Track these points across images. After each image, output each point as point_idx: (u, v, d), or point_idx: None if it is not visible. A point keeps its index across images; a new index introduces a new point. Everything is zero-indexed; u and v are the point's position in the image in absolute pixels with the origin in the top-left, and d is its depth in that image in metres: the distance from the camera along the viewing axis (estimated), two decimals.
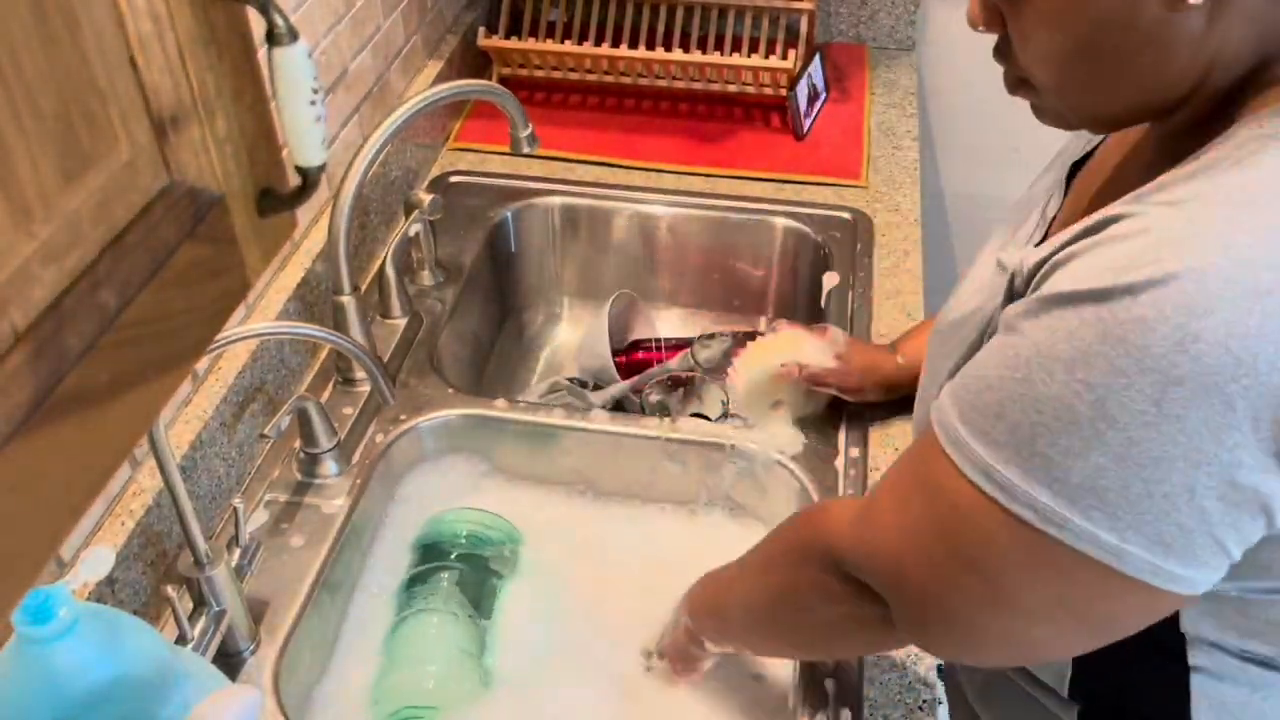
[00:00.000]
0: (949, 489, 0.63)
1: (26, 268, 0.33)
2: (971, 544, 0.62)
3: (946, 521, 0.64)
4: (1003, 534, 0.60)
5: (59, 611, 0.64)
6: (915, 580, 0.67)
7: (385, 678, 0.97)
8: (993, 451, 0.60)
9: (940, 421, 0.65)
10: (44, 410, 0.33)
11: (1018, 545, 0.60)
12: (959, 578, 0.64)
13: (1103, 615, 0.62)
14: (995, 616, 0.64)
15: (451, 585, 1.03)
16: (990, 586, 0.63)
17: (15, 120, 0.32)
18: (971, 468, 0.61)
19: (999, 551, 0.61)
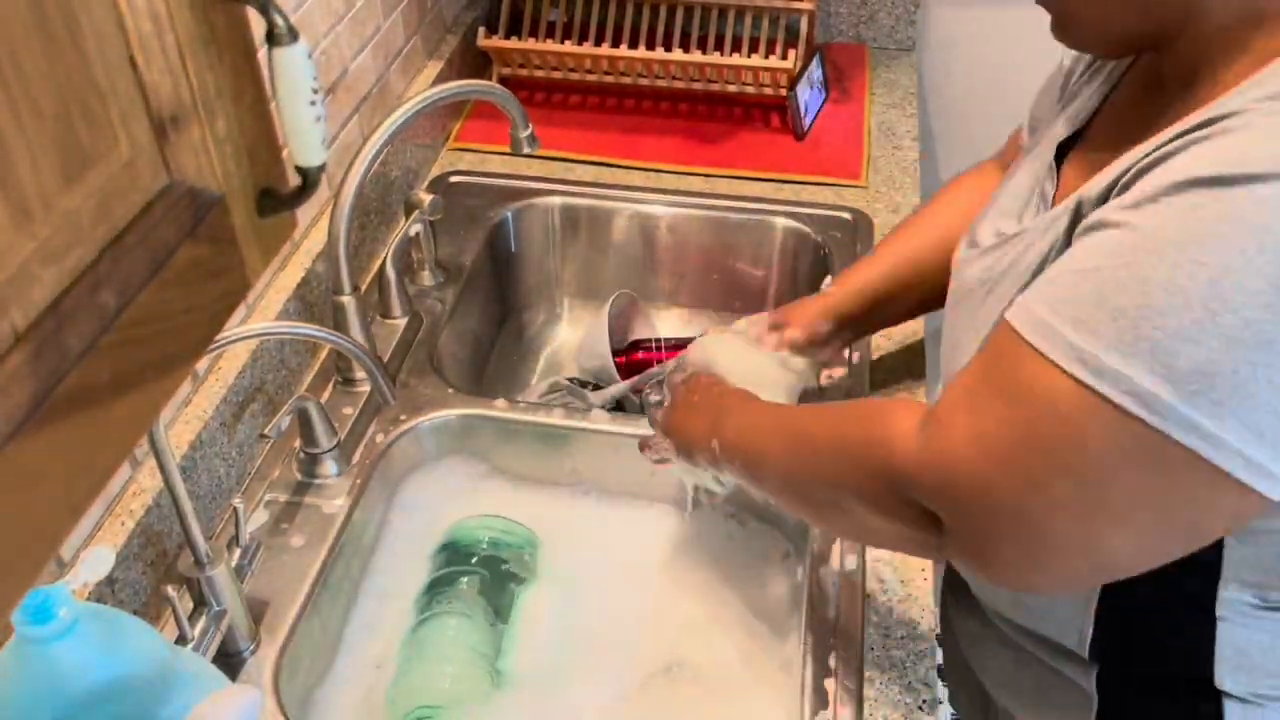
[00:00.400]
0: (1037, 385, 0.60)
1: (26, 268, 0.33)
2: (1062, 441, 0.59)
3: (1034, 421, 0.60)
4: (1099, 426, 0.58)
5: (59, 611, 0.64)
6: (993, 493, 0.63)
7: (401, 678, 0.98)
8: (1091, 338, 0.57)
9: (1023, 319, 0.62)
10: (44, 410, 0.33)
11: (1115, 437, 0.57)
12: (1046, 482, 0.60)
13: (1189, 517, 0.60)
14: (1079, 522, 0.61)
15: (471, 589, 1.03)
16: (1079, 488, 0.60)
17: (15, 120, 0.32)
18: (1065, 356, 0.58)
19: (1094, 447, 0.58)
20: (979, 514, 0.64)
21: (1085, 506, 0.60)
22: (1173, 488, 0.58)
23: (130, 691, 0.68)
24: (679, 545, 1.14)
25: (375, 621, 1.06)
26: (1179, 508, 0.59)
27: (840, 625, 0.95)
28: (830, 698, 0.90)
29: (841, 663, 0.92)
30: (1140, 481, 0.58)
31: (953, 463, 0.65)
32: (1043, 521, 0.62)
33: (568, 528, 1.15)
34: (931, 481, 0.67)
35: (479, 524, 1.09)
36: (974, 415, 0.64)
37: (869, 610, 0.96)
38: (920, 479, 0.67)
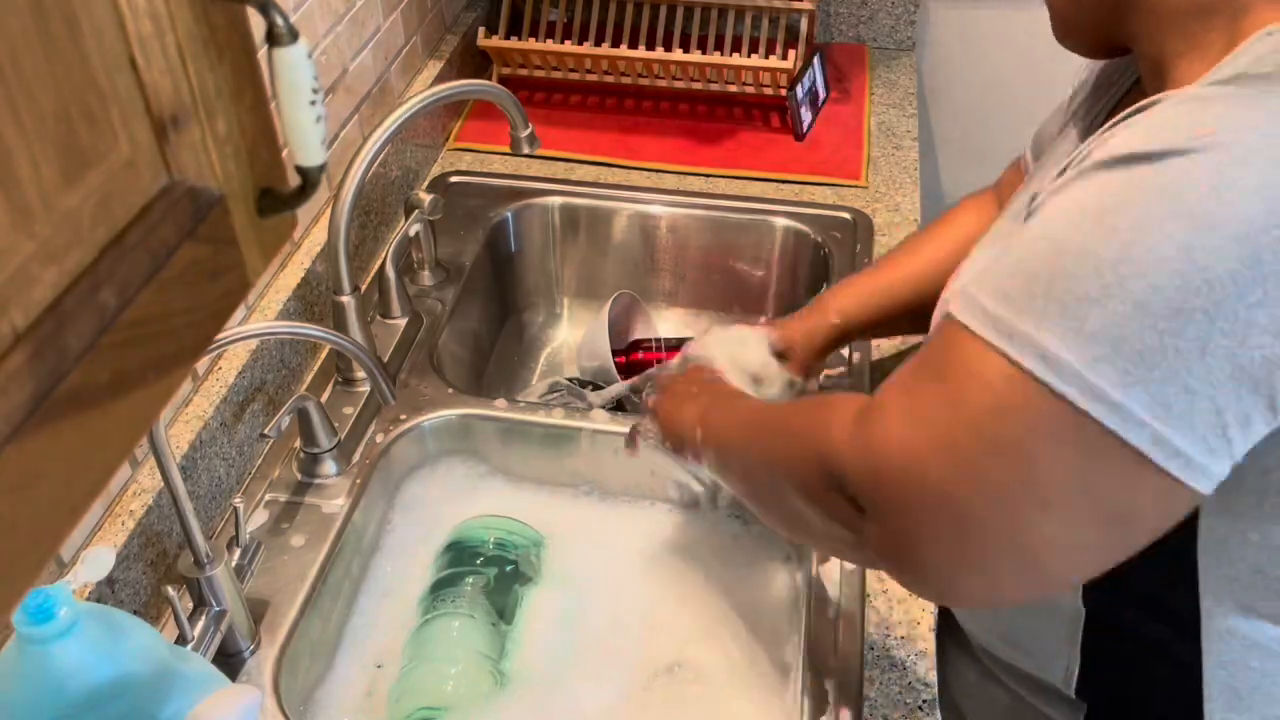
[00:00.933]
0: (964, 360, 0.60)
1: (26, 268, 0.33)
2: (987, 415, 0.58)
3: (961, 396, 0.59)
4: (1018, 395, 0.57)
5: (59, 611, 0.64)
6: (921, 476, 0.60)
7: (405, 678, 0.98)
8: (1007, 306, 0.58)
9: (955, 298, 0.62)
10: (44, 410, 0.33)
11: (1032, 407, 0.57)
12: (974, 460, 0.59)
13: (1116, 504, 0.58)
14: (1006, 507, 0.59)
15: (476, 590, 1.03)
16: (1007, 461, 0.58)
17: (15, 120, 0.32)
18: (985, 325, 0.58)
19: (1015, 419, 0.57)
20: (905, 501, 0.62)
21: (1012, 488, 0.58)
22: (1093, 466, 0.57)
23: (130, 691, 0.68)
24: (680, 546, 1.14)
25: (375, 621, 1.06)
26: (1103, 491, 0.57)
27: (840, 625, 0.95)
28: (830, 698, 0.90)
29: (841, 663, 0.92)
30: (1062, 458, 0.57)
31: (883, 444, 0.63)
32: (969, 507, 0.59)
33: (568, 528, 1.15)
34: (860, 464, 0.65)
35: (484, 524, 1.09)
36: (907, 396, 0.63)
37: (869, 610, 0.96)
38: (850, 461, 0.65)
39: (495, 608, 1.03)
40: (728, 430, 0.86)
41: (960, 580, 0.63)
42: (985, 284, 0.60)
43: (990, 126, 1.89)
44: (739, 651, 1.04)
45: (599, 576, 1.10)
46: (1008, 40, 1.78)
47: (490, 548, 1.07)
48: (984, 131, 1.89)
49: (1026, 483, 0.58)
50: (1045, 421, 0.57)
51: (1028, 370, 0.56)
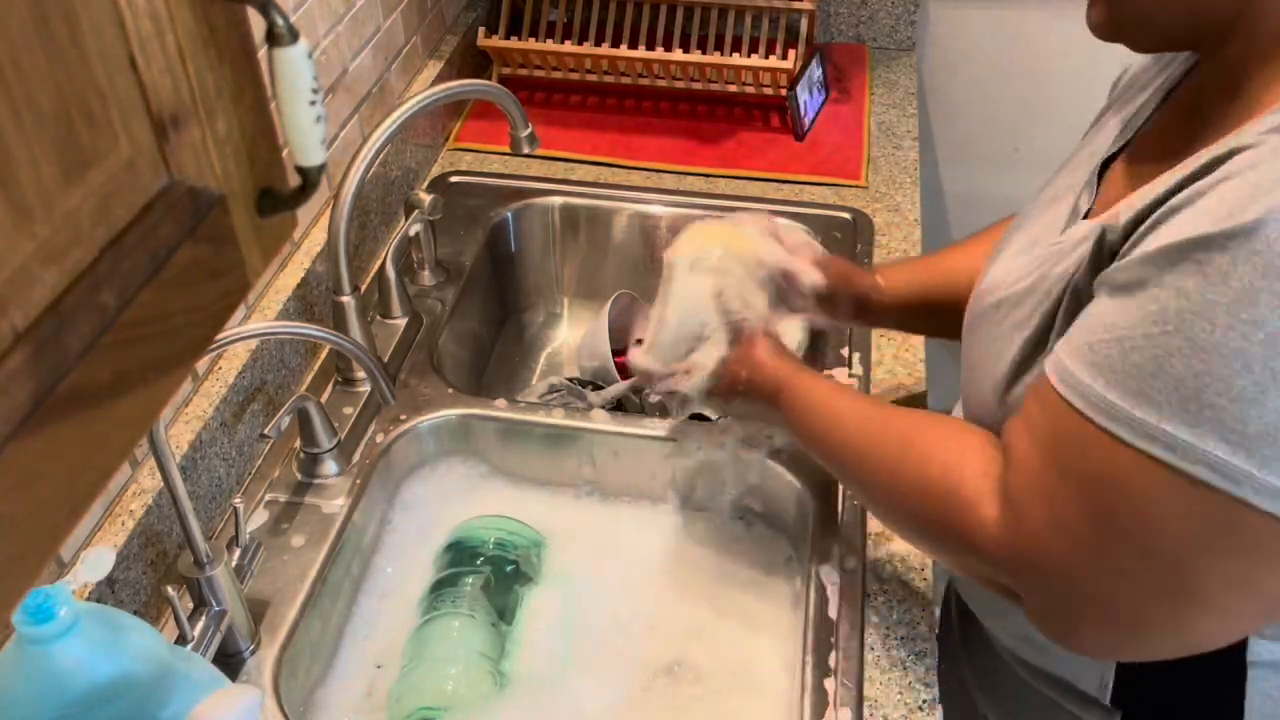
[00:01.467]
0: (1107, 466, 0.58)
1: (26, 268, 0.33)
2: (1141, 522, 0.58)
3: (1109, 503, 0.59)
4: (1176, 501, 0.56)
5: (59, 611, 0.64)
6: (1079, 583, 0.62)
7: (405, 678, 0.98)
8: (1155, 411, 0.56)
9: (1078, 393, 0.60)
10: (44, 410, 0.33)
11: (1194, 512, 0.56)
12: (1132, 568, 0.59)
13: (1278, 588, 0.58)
14: (1168, 603, 0.60)
15: (476, 590, 1.03)
16: (1165, 568, 0.58)
17: (15, 120, 0.32)
18: (1132, 433, 0.57)
19: (1174, 523, 0.57)
20: (1066, 601, 0.64)
21: (1173, 586, 0.59)
22: (1260, 561, 0.57)
23: (130, 691, 0.68)
24: (680, 546, 1.14)
25: (375, 621, 1.06)
26: (1268, 581, 0.58)
27: (840, 625, 0.95)
28: (830, 698, 0.90)
29: (841, 663, 0.92)
30: (1226, 560, 0.57)
31: (1036, 555, 0.64)
32: (1132, 607, 0.61)
33: (569, 528, 1.15)
34: (1015, 570, 0.66)
35: (485, 524, 1.09)
36: (1049, 505, 0.63)
37: (869, 610, 0.96)
38: (1004, 567, 0.67)
39: (495, 608, 1.03)
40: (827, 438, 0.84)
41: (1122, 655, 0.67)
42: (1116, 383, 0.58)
43: (990, 126, 1.89)
44: (739, 652, 1.04)
45: (599, 576, 1.10)
46: (1008, 40, 1.78)
47: (490, 548, 1.07)
48: (984, 131, 1.89)
49: (1188, 587, 0.59)
50: (1210, 527, 0.56)
51: (1194, 477, 0.55)
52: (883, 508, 0.81)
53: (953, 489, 0.71)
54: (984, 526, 0.68)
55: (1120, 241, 0.62)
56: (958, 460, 0.71)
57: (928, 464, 0.73)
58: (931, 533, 0.74)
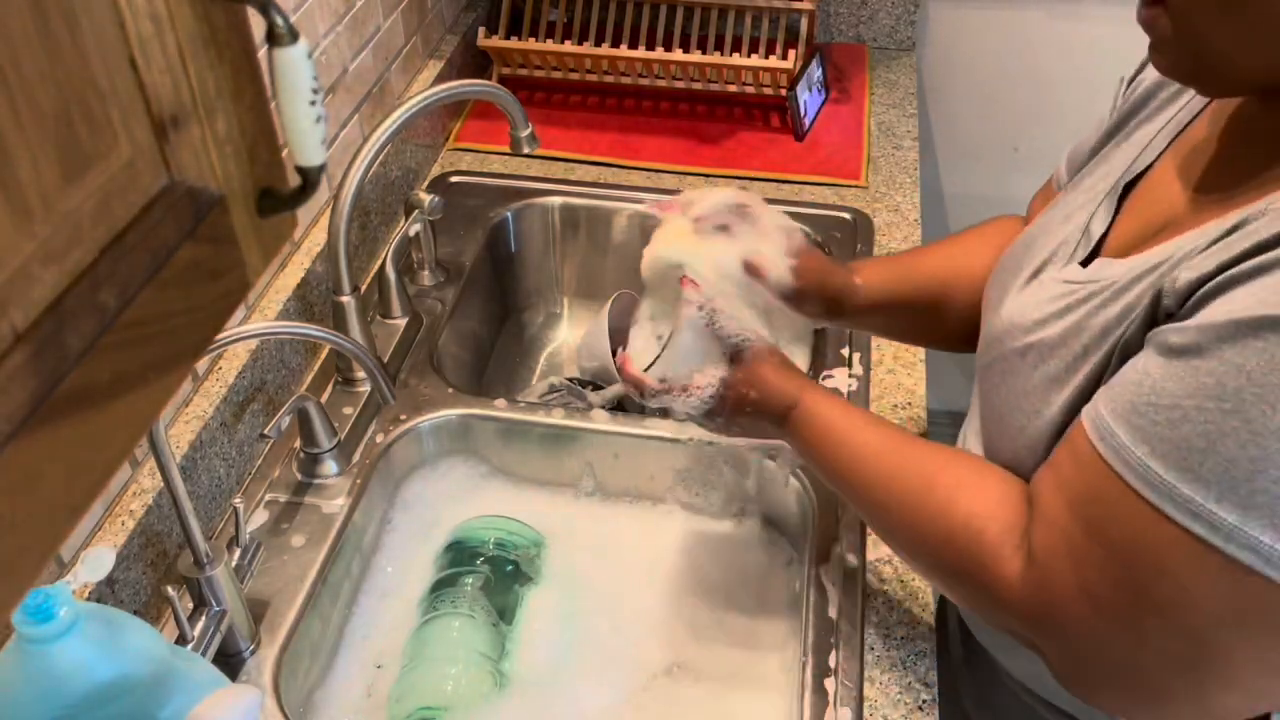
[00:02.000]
0: (1143, 536, 0.57)
1: (26, 268, 0.33)
2: (1174, 598, 0.57)
3: (1141, 575, 0.58)
4: (1214, 582, 0.55)
5: (59, 611, 0.64)
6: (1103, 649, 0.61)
7: (404, 678, 0.98)
8: (1202, 490, 0.54)
9: (1119, 455, 0.58)
10: (44, 410, 0.33)
11: (1232, 594, 0.55)
12: (1159, 641, 0.58)
13: None
14: (1194, 678, 0.59)
15: (476, 589, 1.03)
16: (1194, 644, 0.58)
17: (15, 120, 0.32)
18: (1176, 508, 0.55)
19: (1209, 603, 0.56)
20: (1088, 663, 0.63)
21: (1198, 667, 0.58)
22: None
23: (130, 691, 0.68)
24: (680, 546, 1.14)
25: (375, 621, 1.06)
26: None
27: (840, 625, 0.95)
28: (830, 698, 0.90)
29: (841, 663, 0.92)
30: (1258, 641, 0.56)
31: (1060, 616, 0.63)
32: (1155, 678, 0.60)
33: (569, 528, 1.15)
34: (1037, 629, 0.65)
35: (485, 524, 1.09)
36: (1077, 568, 0.61)
37: (869, 610, 0.96)
38: (1026, 623, 0.66)
39: (495, 608, 1.03)
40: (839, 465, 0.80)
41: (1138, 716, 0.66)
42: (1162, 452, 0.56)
43: (990, 126, 1.89)
44: (739, 652, 1.04)
45: (599, 577, 1.10)
46: (1008, 40, 1.78)
47: (490, 548, 1.07)
48: (984, 131, 1.90)
49: (1214, 665, 0.58)
50: (1244, 608, 0.55)
51: (1236, 560, 0.54)
52: (900, 546, 0.78)
53: (975, 539, 0.69)
54: (1008, 581, 0.66)
55: (1177, 304, 0.59)
56: (984, 510, 0.69)
57: (951, 509, 0.71)
58: (951, 579, 0.73)
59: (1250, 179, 0.61)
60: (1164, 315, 0.61)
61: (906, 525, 0.75)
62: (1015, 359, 0.72)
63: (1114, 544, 0.59)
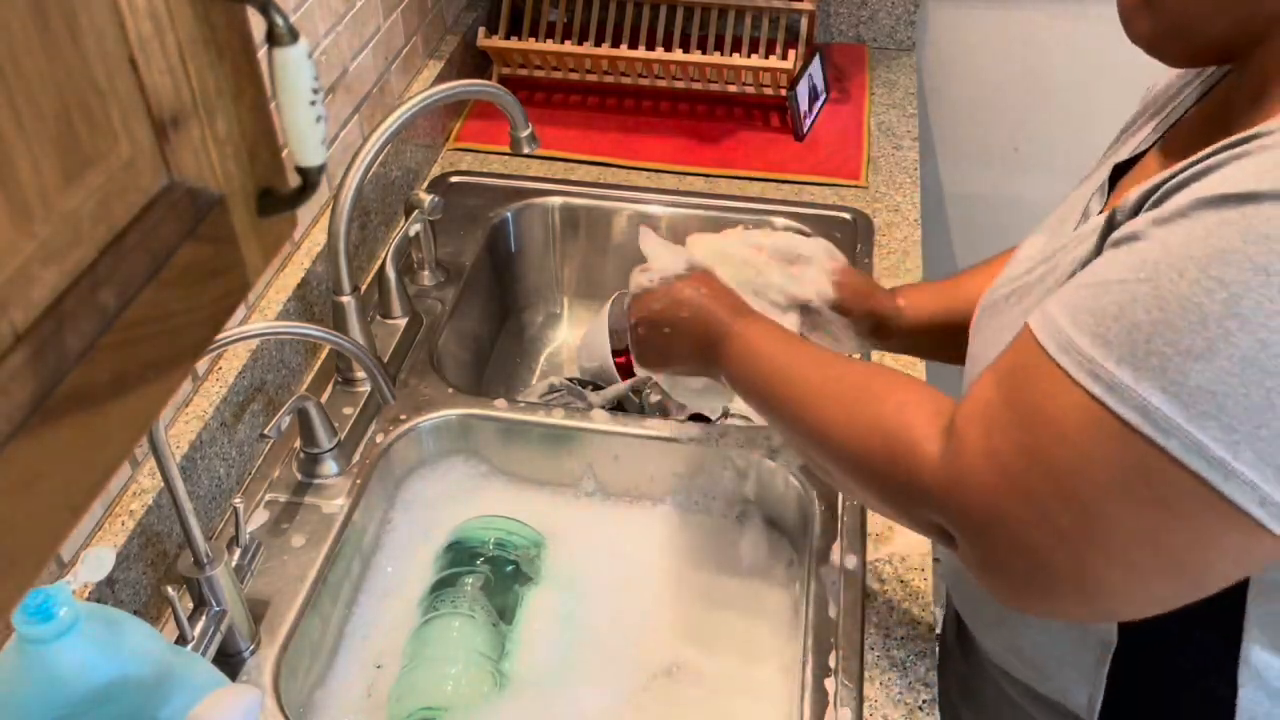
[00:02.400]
0: (1050, 401, 0.59)
1: (26, 268, 0.33)
2: (1068, 465, 0.58)
3: (1042, 441, 0.59)
4: (1103, 443, 0.56)
5: (59, 611, 0.64)
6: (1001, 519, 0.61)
7: (404, 678, 0.98)
8: (1104, 350, 0.56)
9: (1042, 326, 0.60)
10: (44, 410, 0.33)
11: (1118, 456, 0.56)
12: (1050, 509, 0.59)
13: (1191, 558, 0.57)
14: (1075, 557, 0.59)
15: (476, 589, 1.03)
16: (1080, 518, 0.58)
17: (15, 120, 0.32)
18: (1078, 368, 0.57)
19: (1096, 465, 0.57)
20: (986, 538, 0.64)
21: (1082, 540, 0.59)
22: (1174, 521, 0.56)
23: (130, 691, 0.68)
24: (680, 546, 1.14)
25: (375, 621, 1.06)
26: (1181, 546, 0.57)
27: (840, 625, 0.95)
28: (830, 698, 0.90)
29: (841, 663, 0.92)
30: (1139, 511, 0.57)
31: (966, 483, 0.64)
32: (1042, 553, 0.61)
33: (568, 529, 1.15)
34: (946, 500, 0.66)
35: (484, 524, 1.09)
36: (987, 432, 0.63)
37: (869, 610, 0.96)
38: (936, 496, 0.67)
39: (495, 607, 1.03)
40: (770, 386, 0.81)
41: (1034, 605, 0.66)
42: (1079, 320, 0.58)
43: (990, 126, 1.89)
44: (739, 652, 1.04)
45: (599, 577, 1.10)
46: (1008, 40, 1.78)
47: (490, 548, 1.07)
48: (984, 131, 1.89)
49: (1098, 538, 0.58)
50: (1131, 476, 0.56)
51: (1126, 421, 0.55)
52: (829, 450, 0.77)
53: (905, 426, 0.70)
54: (928, 461, 0.67)
55: (1128, 216, 0.62)
56: (915, 400, 0.71)
57: (882, 402, 0.73)
58: (876, 474, 0.73)
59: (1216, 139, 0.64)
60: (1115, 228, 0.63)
61: (839, 425, 0.75)
62: (1001, 303, 0.75)
63: (1024, 408, 0.61)
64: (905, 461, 0.69)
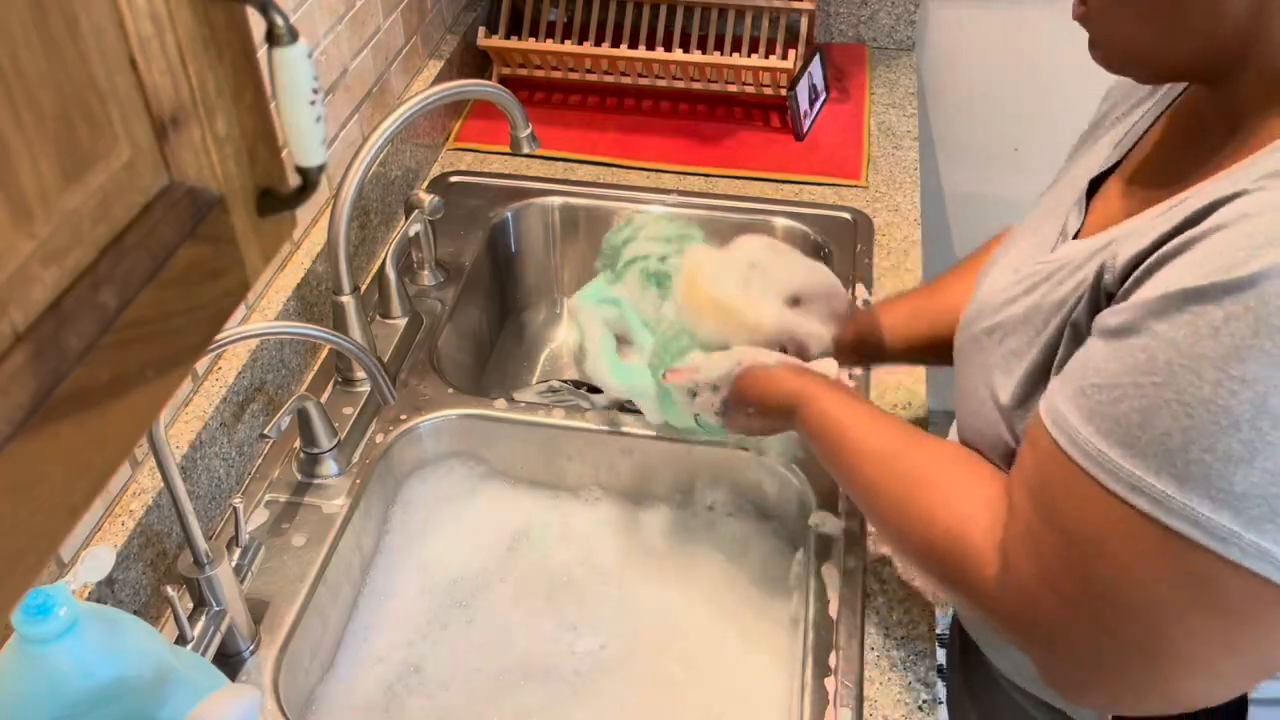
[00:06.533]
0: (1091, 516, 0.58)
1: (26, 268, 0.33)
2: (1122, 576, 0.58)
3: (1092, 557, 0.59)
4: (1158, 558, 0.56)
5: (59, 611, 0.64)
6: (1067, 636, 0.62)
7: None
8: (1141, 463, 0.55)
9: (1062, 432, 0.60)
10: (44, 410, 0.33)
11: (1176, 569, 0.56)
12: (1112, 622, 0.59)
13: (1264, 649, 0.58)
14: (1152, 664, 0.59)
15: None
16: (1147, 631, 0.58)
17: (15, 120, 0.32)
18: (1119, 484, 0.56)
19: (1155, 580, 0.57)
20: (1062, 657, 0.64)
21: (1155, 652, 0.59)
22: (1239, 621, 0.56)
23: (130, 691, 0.68)
24: (680, 546, 1.14)
25: (375, 621, 1.06)
26: (1252, 643, 0.57)
27: (840, 625, 0.95)
28: (830, 697, 0.90)
29: (841, 663, 0.92)
30: (1208, 620, 0.57)
31: (1028, 609, 0.64)
32: (1118, 665, 0.61)
33: (568, 529, 1.15)
34: (1013, 627, 0.66)
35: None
36: (1036, 557, 0.62)
37: (869, 610, 0.96)
38: (1003, 623, 0.67)
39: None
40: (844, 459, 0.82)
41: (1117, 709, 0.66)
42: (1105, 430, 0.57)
43: (990, 126, 1.89)
44: (739, 651, 1.04)
45: (599, 578, 1.10)
46: (1008, 40, 1.78)
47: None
48: (984, 131, 1.89)
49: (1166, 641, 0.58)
50: (1191, 584, 0.56)
51: (1178, 533, 0.55)
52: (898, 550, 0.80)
53: (959, 544, 0.70)
54: (988, 583, 0.67)
55: (1117, 283, 0.61)
56: (969, 513, 0.70)
57: (935, 517, 0.72)
58: (943, 584, 0.74)
59: (1193, 169, 0.64)
60: (1105, 294, 0.63)
61: (900, 531, 0.76)
62: (983, 337, 0.74)
63: (1066, 527, 0.60)
64: (965, 583, 0.69)
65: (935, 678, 0.91)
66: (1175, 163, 0.68)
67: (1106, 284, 0.62)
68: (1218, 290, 0.53)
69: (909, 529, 0.74)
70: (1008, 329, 0.72)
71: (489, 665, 1.03)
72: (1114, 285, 0.62)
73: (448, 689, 1.01)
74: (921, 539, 0.73)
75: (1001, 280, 0.76)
